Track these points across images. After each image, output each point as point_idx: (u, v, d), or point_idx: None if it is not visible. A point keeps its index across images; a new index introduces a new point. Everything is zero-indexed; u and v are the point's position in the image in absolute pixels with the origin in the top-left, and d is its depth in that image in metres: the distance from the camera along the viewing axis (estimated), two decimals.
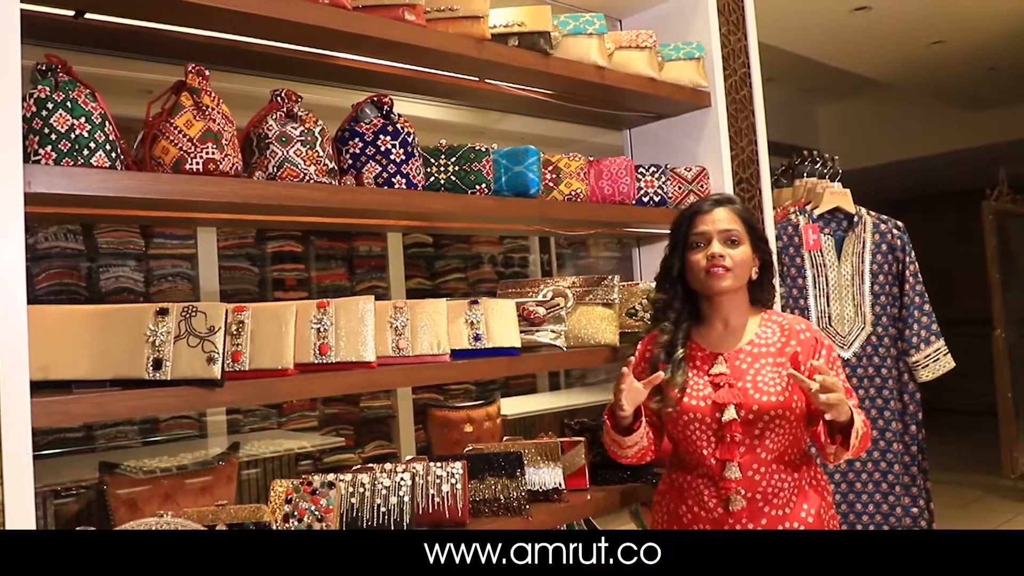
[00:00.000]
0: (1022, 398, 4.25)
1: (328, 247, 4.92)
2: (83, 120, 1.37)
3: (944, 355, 2.92)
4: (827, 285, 2.95)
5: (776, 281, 1.97)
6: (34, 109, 1.34)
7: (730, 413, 1.69)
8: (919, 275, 2.96)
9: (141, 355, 1.43)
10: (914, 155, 7.40)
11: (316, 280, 4.85)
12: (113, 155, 1.40)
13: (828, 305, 2.95)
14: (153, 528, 1.48)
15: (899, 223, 3.00)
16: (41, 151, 1.33)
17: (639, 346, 1.95)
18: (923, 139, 7.34)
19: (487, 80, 2.15)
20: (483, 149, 1.93)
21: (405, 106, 1.88)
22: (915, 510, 2.91)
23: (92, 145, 1.37)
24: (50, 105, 1.35)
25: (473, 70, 2.06)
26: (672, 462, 1.87)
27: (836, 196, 3.00)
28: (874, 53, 5.67)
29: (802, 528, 1.69)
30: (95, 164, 1.37)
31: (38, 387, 1.35)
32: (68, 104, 1.36)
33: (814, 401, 1.58)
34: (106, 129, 1.40)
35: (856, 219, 2.98)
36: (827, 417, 1.62)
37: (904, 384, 2.94)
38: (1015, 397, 4.09)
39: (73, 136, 1.35)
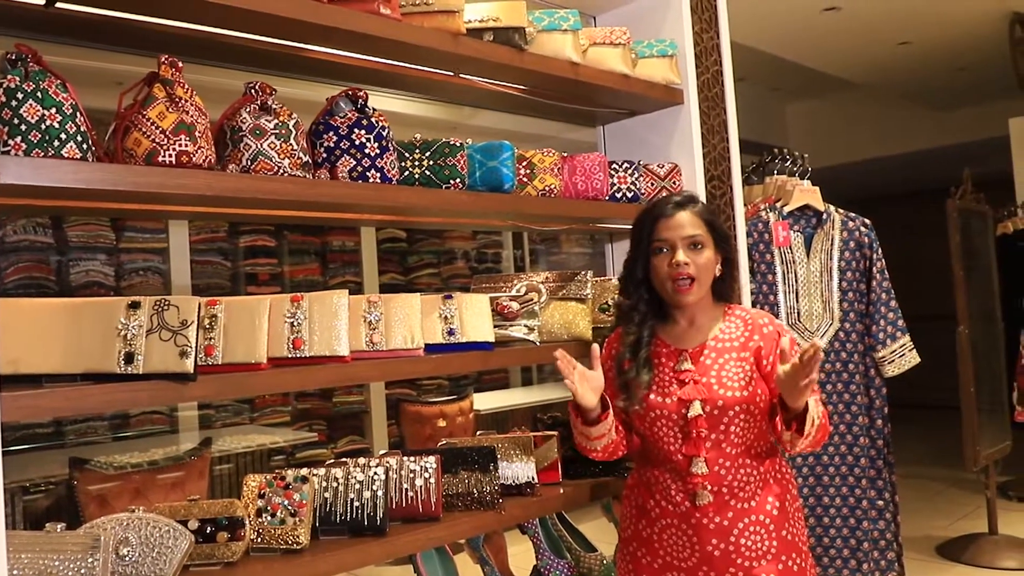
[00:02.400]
0: (985, 393, 4.34)
1: (301, 241, 4.90)
2: (54, 111, 1.35)
3: (910, 351, 2.98)
4: (796, 281, 3.00)
5: (744, 276, 1.99)
6: (3, 99, 1.33)
7: (695, 409, 1.70)
8: (886, 272, 3.01)
9: (113, 349, 1.42)
10: (881, 154, 7.51)
11: (289, 275, 4.83)
12: (84, 146, 1.39)
13: (797, 301, 2.99)
14: (124, 524, 1.47)
15: (867, 221, 3.05)
16: (11, 142, 1.32)
17: (604, 346, 1.94)
18: (890, 138, 7.45)
19: (462, 75, 2.15)
20: (457, 144, 1.94)
21: (378, 101, 1.88)
22: (880, 503, 2.96)
23: (63, 136, 1.35)
24: (20, 95, 1.33)
25: (448, 65, 2.06)
26: (640, 457, 1.89)
27: (805, 194, 3.05)
28: (843, 53, 5.74)
29: (767, 520, 1.71)
30: (66, 155, 1.36)
31: (7, 381, 1.33)
32: (38, 94, 1.35)
33: (785, 383, 1.57)
34: (77, 120, 1.38)
35: (825, 216, 3.03)
36: (786, 402, 1.62)
37: (871, 379, 2.99)
38: (978, 392, 4.16)
39: (44, 127, 1.34)
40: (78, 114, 1.39)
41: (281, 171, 1.62)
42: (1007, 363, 4.71)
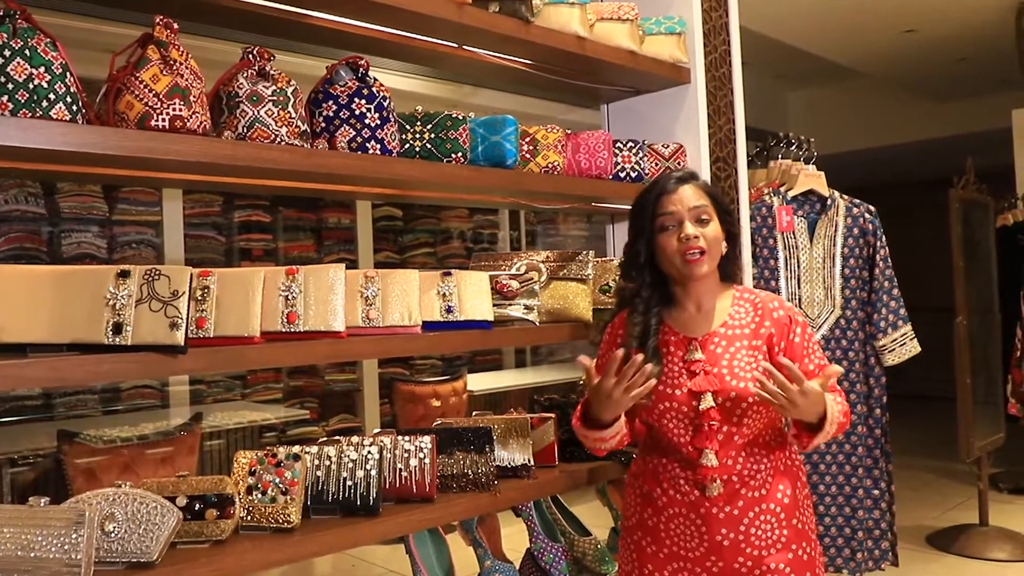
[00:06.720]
0: (980, 385, 4.33)
1: (296, 217, 4.86)
2: (42, 70, 1.30)
3: (911, 340, 2.95)
4: (798, 267, 2.96)
5: (746, 254, 1.93)
6: None
7: (707, 401, 1.64)
8: (889, 260, 2.98)
9: (100, 319, 1.37)
10: (883, 143, 7.47)
11: (283, 251, 4.80)
12: (74, 108, 1.34)
13: (799, 287, 2.96)
14: (111, 499, 1.43)
15: (871, 207, 3.01)
16: None
17: (606, 332, 1.87)
18: (893, 127, 7.41)
19: (465, 47, 2.10)
20: (460, 117, 1.89)
21: (377, 76, 1.83)
22: (876, 492, 2.95)
23: (52, 96, 1.30)
24: (7, 52, 1.28)
25: (452, 35, 2.00)
26: (645, 445, 1.81)
27: (810, 178, 3.01)
28: (848, 40, 5.69)
29: (778, 509, 1.67)
30: (54, 116, 1.31)
31: None
32: (27, 52, 1.29)
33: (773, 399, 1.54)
34: (67, 80, 1.33)
35: (829, 202, 2.99)
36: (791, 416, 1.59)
37: (870, 367, 2.97)
38: (974, 384, 4.15)
39: (31, 86, 1.29)
40: (68, 74, 1.34)
41: (278, 139, 1.57)
42: (1003, 355, 4.70)
